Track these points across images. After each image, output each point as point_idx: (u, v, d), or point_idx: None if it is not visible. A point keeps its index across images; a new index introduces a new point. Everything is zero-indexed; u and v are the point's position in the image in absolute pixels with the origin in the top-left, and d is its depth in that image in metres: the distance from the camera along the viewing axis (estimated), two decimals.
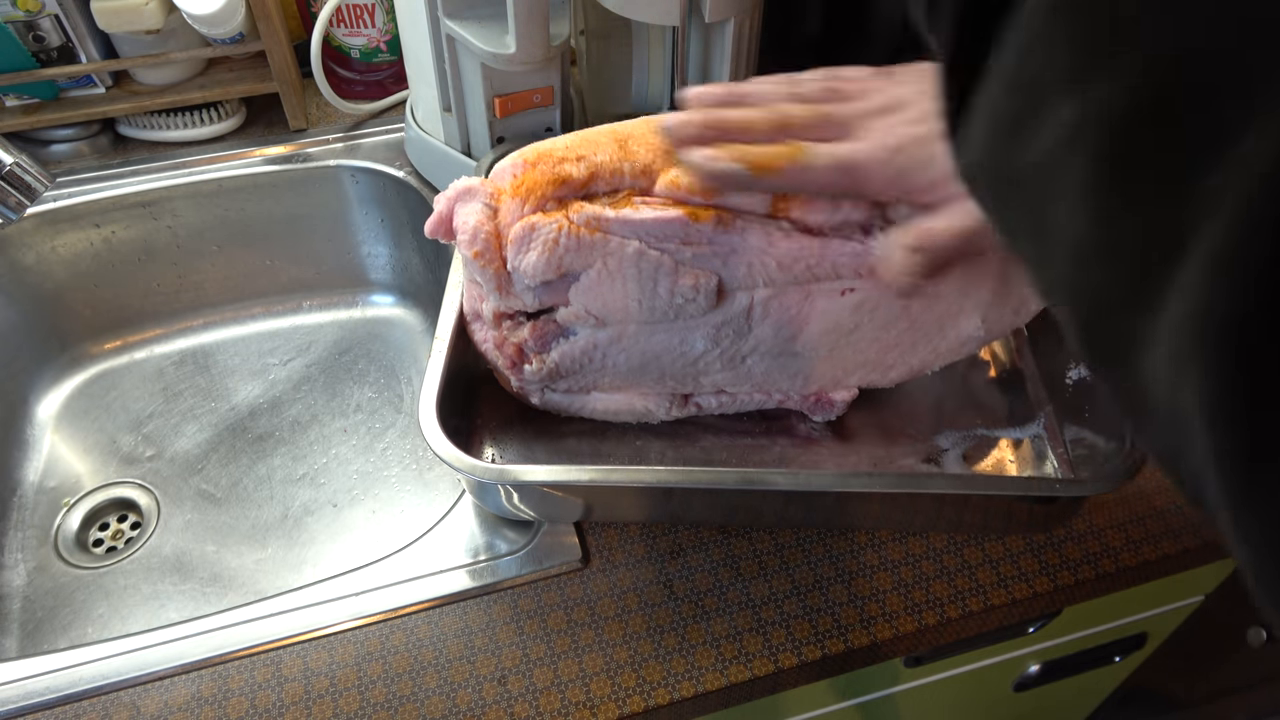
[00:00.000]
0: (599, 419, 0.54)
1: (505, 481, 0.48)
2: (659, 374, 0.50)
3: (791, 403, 0.53)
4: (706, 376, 0.50)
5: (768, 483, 0.45)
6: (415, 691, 0.46)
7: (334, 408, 0.75)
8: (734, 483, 0.45)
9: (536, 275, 0.44)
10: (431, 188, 0.73)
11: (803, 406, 0.53)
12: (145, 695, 0.46)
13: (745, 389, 0.52)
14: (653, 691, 0.46)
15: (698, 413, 0.53)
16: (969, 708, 0.80)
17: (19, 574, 0.65)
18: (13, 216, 0.57)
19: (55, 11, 0.69)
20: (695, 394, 0.53)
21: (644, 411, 0.53)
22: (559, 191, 0.44)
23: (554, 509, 0.51)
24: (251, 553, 0.66)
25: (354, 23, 0.78)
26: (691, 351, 0.48)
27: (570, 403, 0.53)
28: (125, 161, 0.75)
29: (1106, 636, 0.74)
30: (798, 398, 0.53)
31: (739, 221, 0.44)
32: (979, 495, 0.48)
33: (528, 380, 0.51)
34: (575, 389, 0.52)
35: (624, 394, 0.52)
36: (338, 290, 0.83)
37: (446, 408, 0.48)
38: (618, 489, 0.48)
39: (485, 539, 0.52)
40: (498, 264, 0.45)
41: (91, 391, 0.77)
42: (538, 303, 0.47)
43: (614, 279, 0.44)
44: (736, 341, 0.48)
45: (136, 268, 0.76)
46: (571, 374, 0.50)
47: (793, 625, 0.48)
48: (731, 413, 0.54)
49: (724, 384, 0.51)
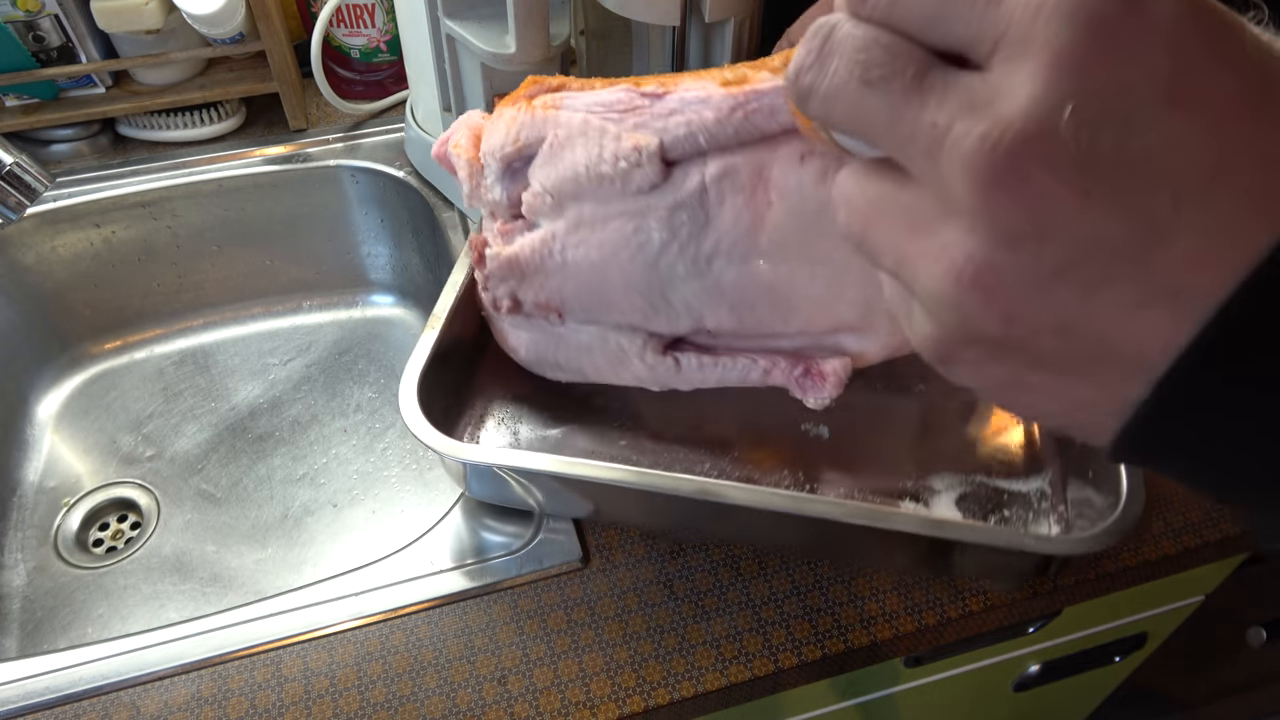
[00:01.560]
0: (584, 377, 0.52)
1: (459, 458, 0.48)
2: (624, 284, 0.46)
3: (779, 373, 0.48)
4: (674, 290, 0.46)
5: (723, 495, 0.44)
6: (415, 691, 0.46)
7: (334, 408, 0.75)
8: (690, 491, 0.45)
9: (495, 151, 0.47)
10: (431, 188, 0.73)
11: (792, 380, 0.49)
12: (145, 695, 0.46)
13: (722, 314, 0.47)
14: (653, 691, 0.46)
15: (678, 371, 0.49)
16: (969, 708, 0.80)
17: (19, 574, 0.65)
18: (13, 216, 0.57)
19: (55, 11, 0.69)
20: (670, 330, 0.49)
21: (618, 352, 0.49)
22: (531, 91, 0.47)
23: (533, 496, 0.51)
24: (251, 553, 0.66)
25: (354, 23, 0.78)
26: (650, 246, 0.45)
27: (546, 346, 0.51)
28: (125, 161, 0.76)
29: (1106, 636, 0.74)
30: (785, 366, 0.48)
31: (682, 84, 0.44)
32: (944, 540, 0.45)
33: (493, 279, 0.49)
34: (542, 303, 0.49)
35: (597, 326, 0.49)
36: (338, 290, 0.83)
37: (434, 386, 0.49)
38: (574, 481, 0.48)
39: (485, 539, 0.52)
40: (471, 154, 0.49)
41: (91, 391, 0.77)
42: (505, 197, 0.48)
43: (563, 149, 0.46)
44: (696, 236, 0.45)
45: (136, 268, 0.76)
46: (533, 273, 0.48)
47: (793, 625, 0.48)
48: (715, 382, 0.50)
49: (696, 301, 0.46)
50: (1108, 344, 0.19)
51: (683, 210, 0.45)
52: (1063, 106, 0.17)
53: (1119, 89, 0.17)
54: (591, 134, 0.45)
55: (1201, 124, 0.17)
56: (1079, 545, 0.44)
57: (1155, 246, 0.17)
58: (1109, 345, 0.19)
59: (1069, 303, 0.18)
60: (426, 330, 0.51)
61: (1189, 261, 0.17)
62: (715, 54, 0.58)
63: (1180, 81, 0.17)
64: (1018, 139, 0.17)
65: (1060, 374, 0.20)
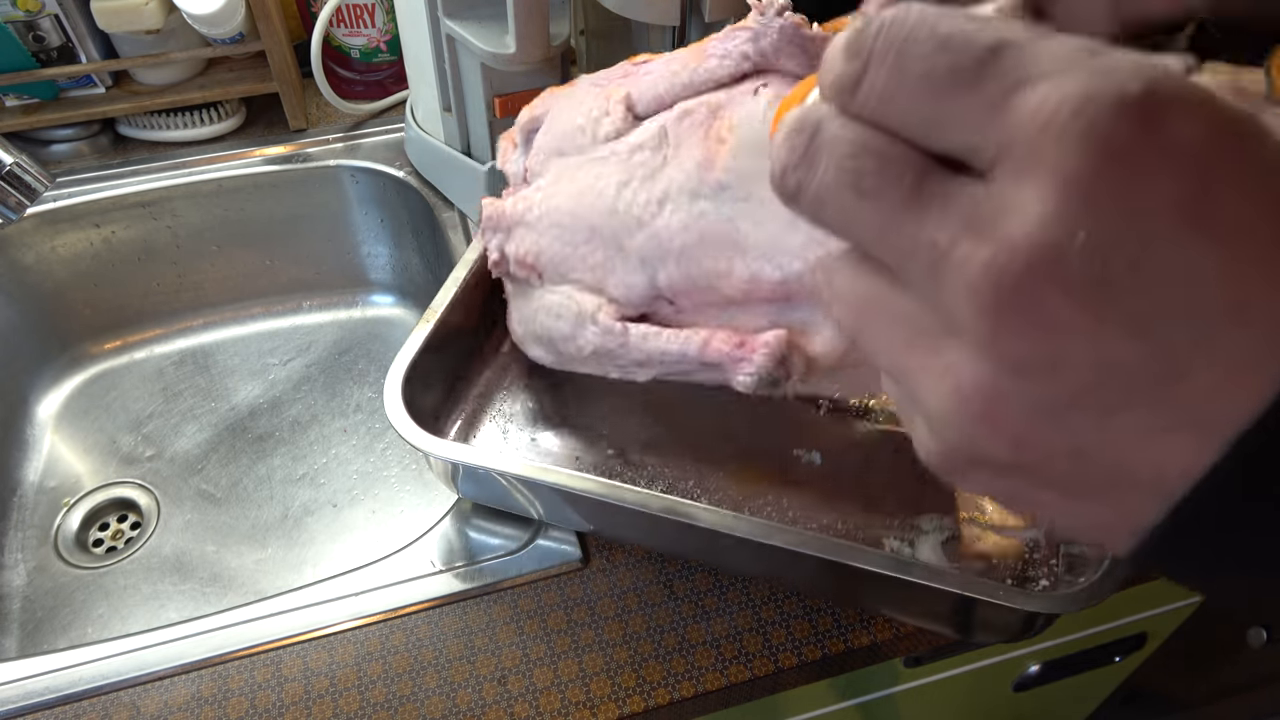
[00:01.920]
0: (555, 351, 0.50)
1: (431, 453, 0.48)
2: (588, 233, 0.47)
3: (717, 343, 0.44)
4: (630, 237, 0.46)
5: (690, 515, 0.43)
6: (415, 691, 0.46)
7: (334, 408, 0.75)
8: (657, 508, 0.44)
9: (520, 122, 0.53)
10: (431, 188, 0.73)
11: (726, 355, 0.44)
12: (145, 695, 0.46)
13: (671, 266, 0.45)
14: (653, 691, 0.46)
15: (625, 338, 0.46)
16: (969, 708, 0.80)
17: (19, 574, 0.65)
18: (13, 216, 0.57)
19: (55, 11, 0.69)
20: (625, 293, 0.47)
21: (578, 314, 0.48)
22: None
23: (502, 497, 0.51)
24: (251, 553, 0.66)
25: (354, 23, 0.78)
26: (609, 190, 0.46)
27: (528, 313, 0.51)
28: (125, 161, 0.76)
29: (1106, 636, 0.74)
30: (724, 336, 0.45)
31: (675, 53, 0.48)
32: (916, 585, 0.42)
33: (485, 232, 0.51)
34: (521, 258, 0.50)
35: (567, 287, 0.49)
36: (338, 290, 0.83)
37: (424, 380, 0.50)
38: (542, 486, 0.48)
39: (485, 539, 0.52)
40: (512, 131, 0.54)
41: (91, 391, 0.77)
42: (522, 165, 0.52)
43: (558, 116, 0.50)
44: (651, 177, 0.45)
45: (136, 268, 0.77)
46: (516, 224, 0.50)
47: (793, 625, 0.48)
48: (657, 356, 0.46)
49: (649, 250, 0.45)
50: (1124, 468, 0.18)
51: (642, 151, 0.46)
52: (1075, 231, 0.16)
53: (1136, 214, 0.16)
54: (578, 95, 0.50)
55: (1223, 252, 0.16)
56: (1051, 604, 0.41)
57: (1176, 375, 0.17)
58: (1125, 469, 0.18)
59: (1083, 430, 0.18)
60: (421, 323, 0.51)
61: (1210, 391, 0.16)
62: None
63: (1201, 207, 0.16)
64: (1027, 264, 0.16)
65: (1073, 496, 0.19)
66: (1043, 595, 0.41)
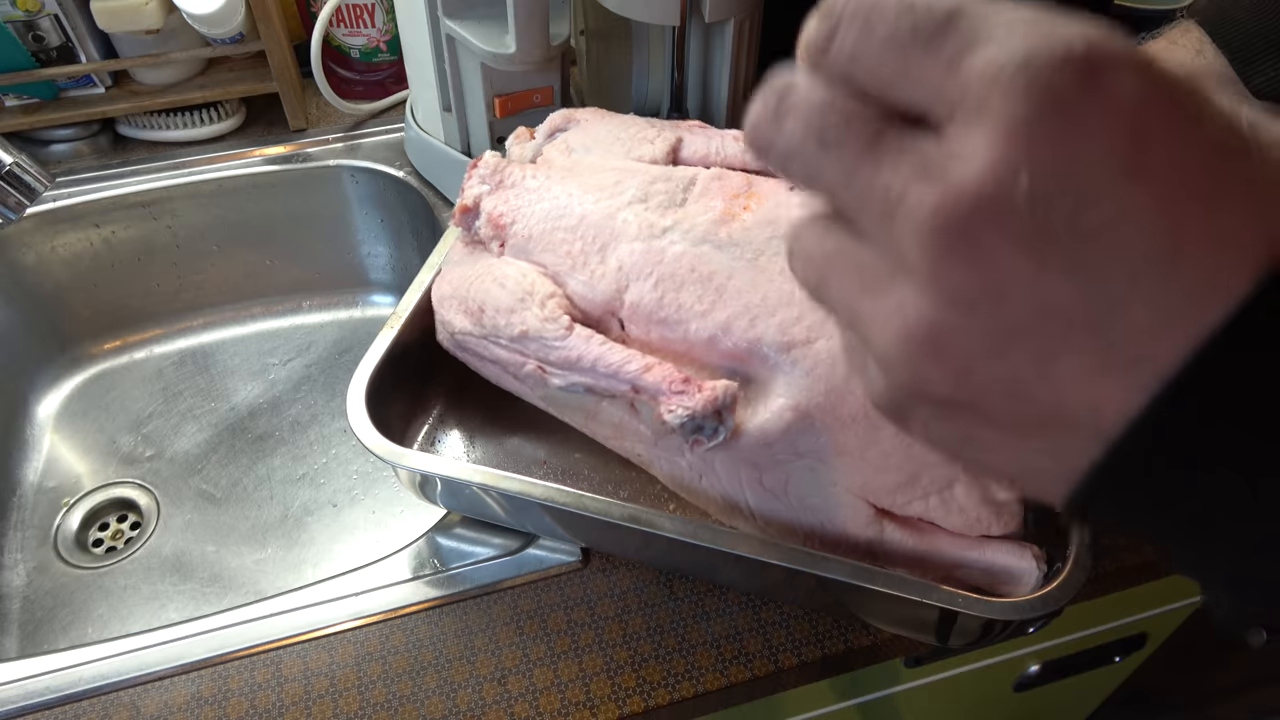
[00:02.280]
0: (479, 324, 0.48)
1: (392, 461, 0.46)
2: (577, 222, 0.47)
3: (659, 371, 0.43)
4: (617, 246, 0.46)
5: (654, 525, 0.42)
6: (415, 691, 0.46)
7: (334, 408, 0.75)
8: (619, 516, 0.43)
9: (554, 119, 0.55)
10: (431, 188, 0.73)
11: (665, 385, 0.43)
12: (145, 695, 0.46)
13: (646, 287, 0.45)
14: (653, 691, 0.46)
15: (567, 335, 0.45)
16: (969, 708, 0.80)
17: (19, 574, 0.65)
18: (13, 216, 0.57)
19: (55, 11, 0.69)
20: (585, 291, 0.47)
21: (525, 293, 0.46)
22: None
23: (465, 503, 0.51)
24: (251, 553, 0.66)
25: (354, 23, 0.78)
26: (620, 199, 0.47)
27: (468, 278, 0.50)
28: (125, 161, 0.76)
29: (1106, 636, 0.74)
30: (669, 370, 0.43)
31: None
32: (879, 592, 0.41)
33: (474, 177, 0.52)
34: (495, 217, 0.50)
35: (527, 264, 0.48)
36: (338, 290, 0.83)
37: (390, 387, 0.49)
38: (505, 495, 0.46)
39: (485, 539, 0.52)
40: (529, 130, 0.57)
41: (91, 391, 0.77)
42: (539, 150, 0.54)
43: (599, 122, 0.54)
44: (664, 208, 0.47)
45: (136, 268, 0.77)
46: (509, 185, 0.50)
47: (793, 625, 0.48)
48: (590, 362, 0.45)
49: (630, 262, 0.46)
50: (1062, 407, 0.19)
51: (668, 182, 0.48)
52: (1017, 175, 0.17)
53: (1074, 162, 0.17)
54: (629, 119, 0.54)
55: (1157, 200, 0.17)
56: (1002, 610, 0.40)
57: (1112, 316, 0.17)
58: (1063, 408, 0.19)
59: (1022, 366, 0.18)
60: (385, 329, 0.50)
61: (1144, 334, 0.17)
62: (715, 54, 0.58)
63: (1137, 159, 0.17)
64: (971, 206, 0.17)
65: (1012, 434, 0.20)
66: (1001, 603, 0.40)
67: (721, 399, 0.42)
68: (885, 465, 0.42)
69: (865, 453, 0.42)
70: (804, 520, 0.45)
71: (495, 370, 0.50)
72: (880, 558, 0.45)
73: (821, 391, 0.42)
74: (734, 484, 0.46)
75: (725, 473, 0.46)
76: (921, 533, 0.44)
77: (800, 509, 0.45)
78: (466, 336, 0.49)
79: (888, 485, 0.43)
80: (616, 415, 0.47)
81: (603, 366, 0.44)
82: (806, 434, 0.43)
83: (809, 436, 0.43)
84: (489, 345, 0.48)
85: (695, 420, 0.42)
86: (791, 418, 0.42)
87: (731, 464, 0.45)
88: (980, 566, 0.44)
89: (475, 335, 0.48)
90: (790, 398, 0.42)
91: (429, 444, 0.55)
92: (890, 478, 0.43)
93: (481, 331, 0.48)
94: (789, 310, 0.43)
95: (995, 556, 0.43)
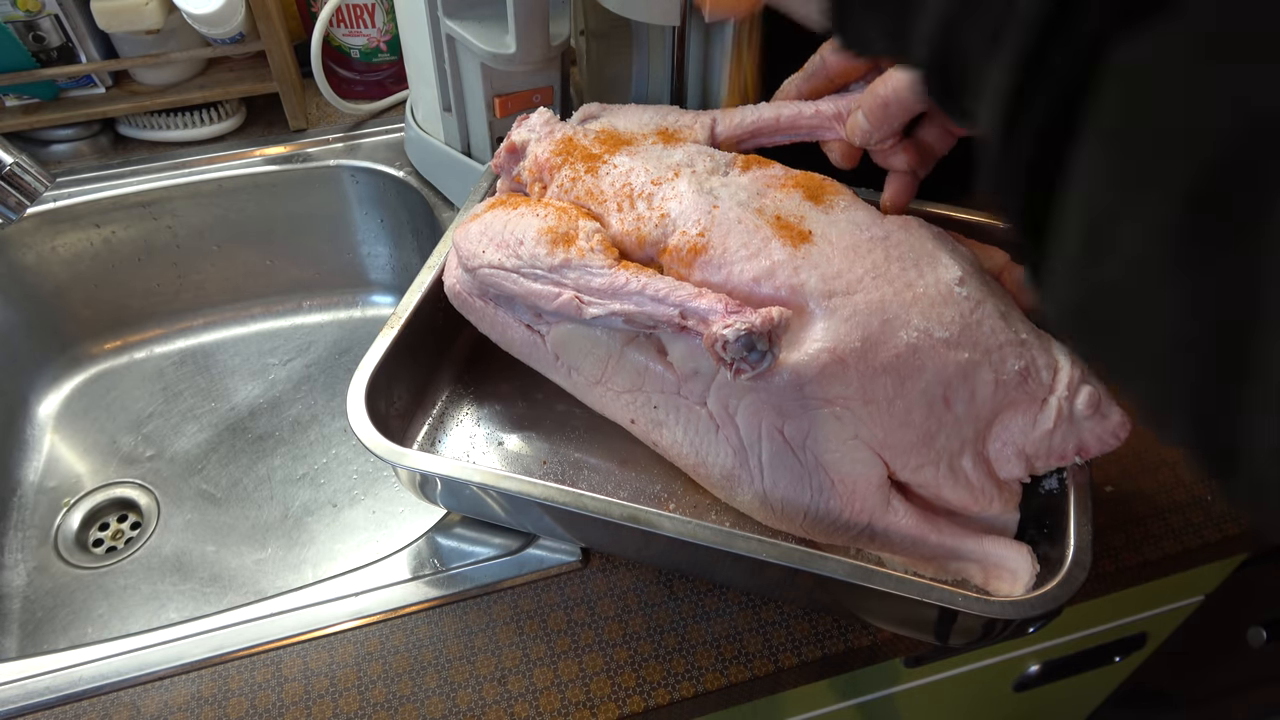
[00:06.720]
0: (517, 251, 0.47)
1: (392, 461, 0.46)
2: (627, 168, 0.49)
3: (710, 298, 0.43)
4: (667, 189, 0.48)
5: (653, 525, 0.42)
6: (415, 691, 0.46)
7: (334, 408, 0.75)
8: (618, 516, 0.43)
9: (589, 105, 0.57)
10: (431, 188, 0.73)
11: (720, 305, 0.42)
12: (145, 695, 0.46)
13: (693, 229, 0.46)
14: (653, 691, 0.46)
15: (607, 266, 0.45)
16: (969, 708, 0.80)
17: (19, 574, 0.65)
18: (13, 216, 0.57)
19: (55, 11, 0.69)
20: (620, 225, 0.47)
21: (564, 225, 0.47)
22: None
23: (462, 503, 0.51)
24: (251, 553, 0.66)
25: (354, 23, 0.78)
26: (671, 160, 0.50)
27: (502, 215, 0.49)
28: (125, 161, 0.76)
29: (1106, 636, 0.74)
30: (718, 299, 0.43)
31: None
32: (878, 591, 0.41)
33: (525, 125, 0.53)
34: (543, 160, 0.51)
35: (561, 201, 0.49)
36: (338, 290, 0.83)
37: (391, 384, 0.50)
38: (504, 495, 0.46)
39: (485, 539, 0.52)
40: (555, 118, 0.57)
41: (91, 391, 0.77)
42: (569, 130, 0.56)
43: (636, 110, 0.56)
44: (719, 170, 0.50)
45: (136, 268, 0.77)
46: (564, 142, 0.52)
47: (793, 625, 0.48)
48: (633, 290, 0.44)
49: (677, 203, 0.47)
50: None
51: (709, 159, 0.50)
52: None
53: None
54: (665, 110, 0.56)
55: None
56: (1002, 609, 0.40)
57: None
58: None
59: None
60: (385, 329, 0.50)
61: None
62: (715, 54, 0.58)
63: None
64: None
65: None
66: (1001, 602, 0.40)
67: (778, 320, 0.41)
68: (907, 420, 0.43)
69: (892, 404, 0.43)
70: (812, 483, 0.45)
71: (505, 321, 0.51)
72: (879, 537, 0.45)
73: (858, 338, 0.43)
74: (753, 435, 0.46)
75: (746, 421, 0.46)
76: (924, 515, 0.44)
77: (813, 468, 0.45)
78: (495, 271, 0.47)
79: (905, 442, 0.44)
80: (640, 360, 0.48)
81: (651, 291, 0.44)
82: (839, 379, 0.43)
83: (841, 382, 0.43)
84: (519, 279, 0.47)
85: (751, 338, 0.41)
86: (828, 359, 0.43)
87: (756, 410, 0.46)
88: (977, 559, 0.44)
89: (507, 268, 0.47)
90: (828, 341, 0.43)
91: (429, 444, 0.55)
92: (909, 435, 0.43)
93: (516, 263, 0.47)
94: (831, 266, 0.45)
95: (993, 550, 0.44)
